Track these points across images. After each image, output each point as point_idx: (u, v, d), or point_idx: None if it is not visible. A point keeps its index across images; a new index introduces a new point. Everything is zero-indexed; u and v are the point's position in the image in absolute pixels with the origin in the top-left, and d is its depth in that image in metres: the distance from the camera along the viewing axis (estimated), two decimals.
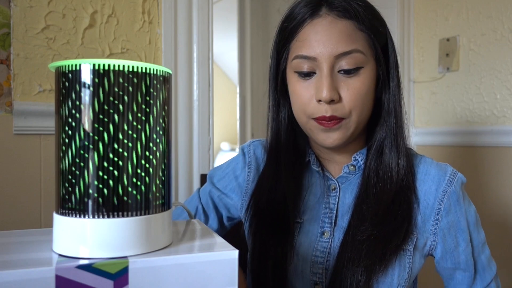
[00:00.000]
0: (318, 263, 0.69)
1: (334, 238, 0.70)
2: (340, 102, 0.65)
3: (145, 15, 1.16)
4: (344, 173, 0.73)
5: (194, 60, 1.25)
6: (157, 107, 0.43)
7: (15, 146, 0.99)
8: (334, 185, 0.74)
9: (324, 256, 0.70)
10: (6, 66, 0.99)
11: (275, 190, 0.73)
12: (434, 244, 0.70)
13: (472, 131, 1.50)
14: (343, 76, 0.65)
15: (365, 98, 0.66)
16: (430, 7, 1.64)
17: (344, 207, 0.72)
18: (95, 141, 0.40)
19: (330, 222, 0.71)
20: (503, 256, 1.39)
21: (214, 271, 0.41)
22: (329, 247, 0.70)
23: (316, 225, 0.72)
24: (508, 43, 1.41)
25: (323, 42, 0.64)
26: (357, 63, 0.65)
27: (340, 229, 0.70)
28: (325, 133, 0.67)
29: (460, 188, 0.71)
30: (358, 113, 0.66)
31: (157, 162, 0.43)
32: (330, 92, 0.64)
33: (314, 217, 0.73)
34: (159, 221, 0.43)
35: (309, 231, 0.72)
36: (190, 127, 1.25)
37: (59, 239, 0.41)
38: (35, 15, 1.01)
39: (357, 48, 0.65)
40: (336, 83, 0.65)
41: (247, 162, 0.82)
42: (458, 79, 1.55)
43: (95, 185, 0.40)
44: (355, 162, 0.73)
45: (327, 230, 0.71)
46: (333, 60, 0.64)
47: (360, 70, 0.66)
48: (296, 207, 0.73)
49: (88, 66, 0.40)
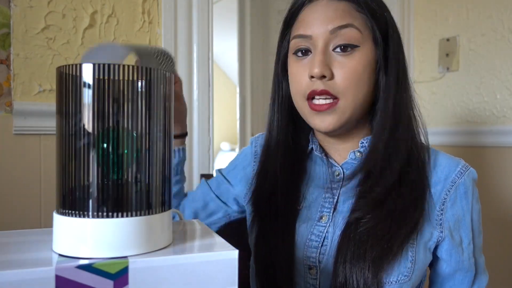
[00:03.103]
0: (312, 247, 0.68)
1: (333, 223, 0.68)
2: (332, 79, 0.64)
3: (145, 15, 1.16)
4: (350, 159, 0.71)
5: (194, 60, 1.25)
6: (158, 107, 0.43)
7: (15, 146, 0.99)
8: (339, 171, 0.72)
9: (319, 240, 0.68)
10: (6, 66, 0.99)
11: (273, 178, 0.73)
12: (442, 237, 0.67)
13: (472, 131, 1.50)
14: (338, 54, 0.65)
15: (359, 79, 0.65)
16: (430, 7, 1.64)
17: (347, 193, 0.69)
18: (95, 141, 0.40)
19: (330, 207, 0.70)
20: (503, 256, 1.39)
21: (214, 271, 0.41)
22: (325, 231, 0.68)
23: (315, 210, 0.71)
24: (508, 43, 1.41)
25: (319, 20, 0.65)
26: (352, 39, 0.64)
27: (340, 214, 0.68)
28: (319, 117, 0.66)
29: (471, 183, 0.69)
30: (353, 94, 0.64)
31: (158, 162, 0.43)
32: (321, 67, 0.63)
33: (315, 203, 0.71)
34: (159, 221, 0.43)
35: (308, 217, 0.70)
36: (190, 127, 1.25)
37: (59, 239, 0.41)
38: (35, 15, 1.01)
39: (352, 23, 0.64)
40: (329, 60, 0.64)
41: (253, 152, 0.83)
42: (458, 79, 1.55)
43: (95, 185, 0.40)
44: (362, 149, 0.71)
45: (326, 215, 0.69)
46: (328, 36, 0.64)
47: (355, 49, 0.64)
48: (296, 194, 0.72)
49: (89, 66, 0.40)
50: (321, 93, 0.64)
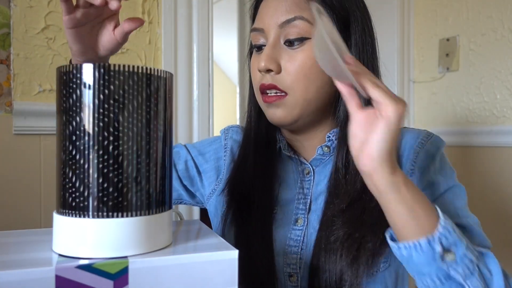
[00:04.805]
0: (291, 253, 0.65)
1: (309, 225, 0.66)
2: (280, 74, 0.63)
3: (145, 15, 1.16)
4: (317, 155, 0.68)
5: (194, 60, 1.25)
6: (158, 107, 0.43)
7: (15, 146, 0.99)
8: (308, 169, 0.69)
9: (298, 245, 0.66)
10: (6, 66, 0.99)
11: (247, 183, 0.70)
12: None
13: (472, 131, 1.50)
14: (288, 47, 0.63)
15: (310, 72, 0.62)
16: (430, 7, 1.64)
17: (318, 191, 0.68)
18: (95, 141, 0.40)
19: (304, 208, 0.67)
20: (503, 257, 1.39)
21: (214, 271, 0.41)
22: (303, 235, 0.66)
23: (290, 213, 0.68)
24: (508, 43, 1.41)
25: (271, 13, 0.64)
26: (301, 32, 0.62)
27: (314, 214, 0.66)
28: (270, 109, 0.65)
29: (437, 152, 0.66)
30: (301, 89, 0.62)
31: (158, 162, 0.43)
32: (266, 61, 0.62)
33: (289, 206, 0.69)
34: (159, 221, 0.43)
35: (283, 221, 0.68)
36: (190, 127, 1.25)
37: (59, 239, 0.41)
38: (35, 15, 1.01)
39: (300, 15, 0.62)
40: (278, 54, 0.63)
41: (223, 145, 0.79)
42: (458, 79, 1.55)
43: (95, 185, 0.40)
44: (329, 143, 0.68)
45: (301, 217, 0.67)
46: (278, 30, 0.63)
47: (305, 42, 0.62)
48: (270, 199, 0.69)
49: (89, 66, 0.40)
50: (269, 87, 0.64)
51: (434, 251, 0.50)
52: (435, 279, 0.51)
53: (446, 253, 0.50)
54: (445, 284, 0.51)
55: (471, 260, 0.51)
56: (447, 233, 0.50)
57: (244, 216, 0.69)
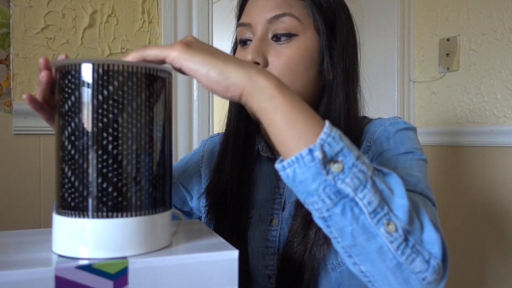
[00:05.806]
0: (269, 254, 0.65)
1: (283, 224, 0.66)
2: (266, 68, 0.62)
3: (145, 15, 1.16)
4: None
5: None
6: (158, 107, 0.43)
7: (14, 146, 0.99)
8: None
9: (274, 246, 0.65)
10: (6, 66, 0.99)
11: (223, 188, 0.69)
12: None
13: (472, 131, 1.50)
14: (275, 43, 0.63)
15: (296, 69, 0.62)
16: (431, 7, 1.64)
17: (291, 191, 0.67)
18: (95, 141, 0.40)
19: (279, 208, 0.67)
20: (502, 256, 1.39)
21: (214, 271, 0.41)
22: (278, 235, 0.66)
23: (266, 213, 0.68)
24: (509, 43, 1.40)
25: (258, 9, 0.64)
26: (289, 28, 0.62)
27: (288, 212, 0.66)
28: None
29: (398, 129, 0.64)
30: (288, 84, 0.60)
31: (157, 162, 0.43)
32: (253, 54, 0.62)
33: (265, 207, 0.69)
34: (159, 221, 0.43)
35: (259, 222, 0.68)
36: (190, 127, 1.25)
37: (58, 239, 0.41)
38: (34, 15, 1.01)
39: (289, 12, 0.62)
40: (266, 48, 0.63)
41: (200, 158, 0.79)
42: (458, 79, 1.55)
43: (95, 185, 0.40)
44: None
45: (275, 217, 0.67)
46: (266, 25, 0.63)
47: (293, 38, 0.63)
48: (246, 203, 0.69)
49: (89, 66, 0.40)
50: None
51: (316, 161, 0.42)
52: (324, 198, 0.43)
53: (332, 163, 0.43)
54: (338, 204, 0.43)
55: (362, 170, 0.43)
56: (331, 140, 0.43)
57: (219, 221, 0.69)
